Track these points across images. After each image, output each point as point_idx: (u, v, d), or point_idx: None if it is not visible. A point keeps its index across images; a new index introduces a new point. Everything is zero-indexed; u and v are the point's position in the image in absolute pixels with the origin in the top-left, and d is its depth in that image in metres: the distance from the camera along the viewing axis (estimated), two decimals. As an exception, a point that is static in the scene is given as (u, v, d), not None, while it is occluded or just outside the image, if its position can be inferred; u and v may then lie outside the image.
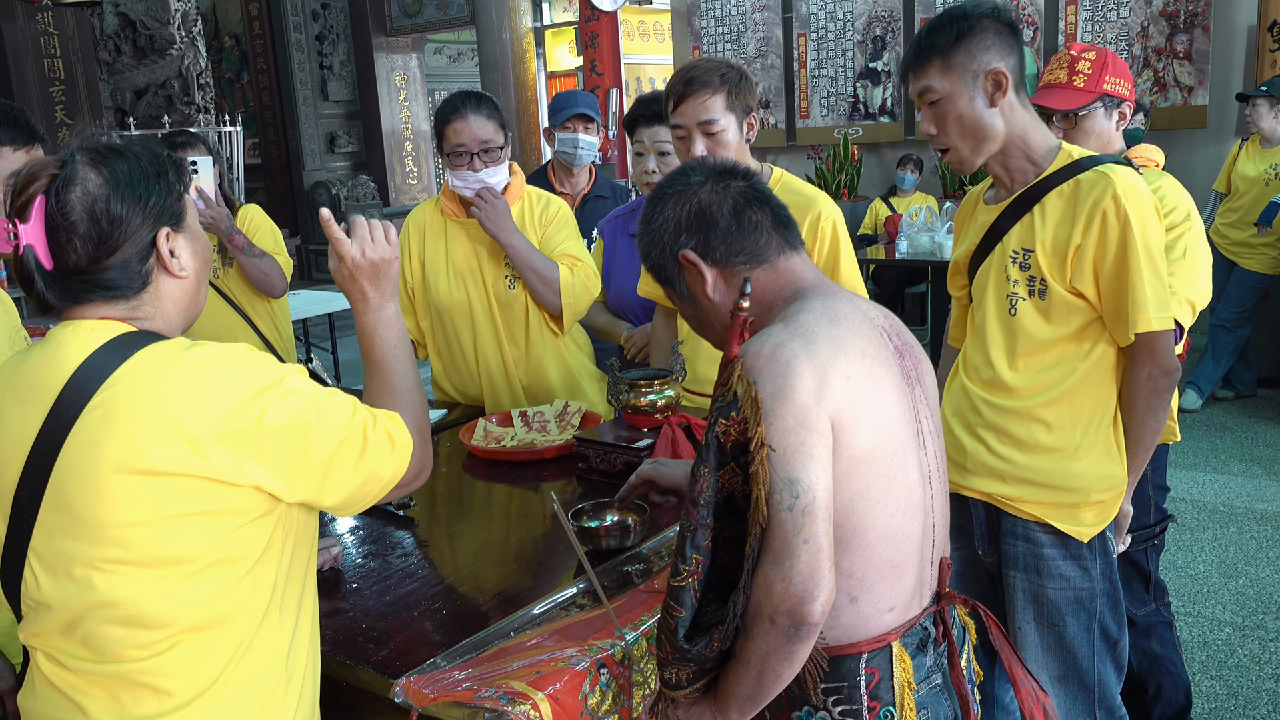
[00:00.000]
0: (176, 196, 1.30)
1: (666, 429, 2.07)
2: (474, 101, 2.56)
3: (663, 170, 2.60)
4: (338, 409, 1.25)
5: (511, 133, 2.70)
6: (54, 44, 7.58)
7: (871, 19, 7.31)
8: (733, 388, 1.21)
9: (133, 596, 1.19)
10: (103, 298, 1.25)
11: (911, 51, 1.81)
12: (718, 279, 1.37)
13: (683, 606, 1.22)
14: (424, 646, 1.49)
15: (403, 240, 2.72)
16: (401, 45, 11.65)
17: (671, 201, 1.39)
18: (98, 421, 1.18)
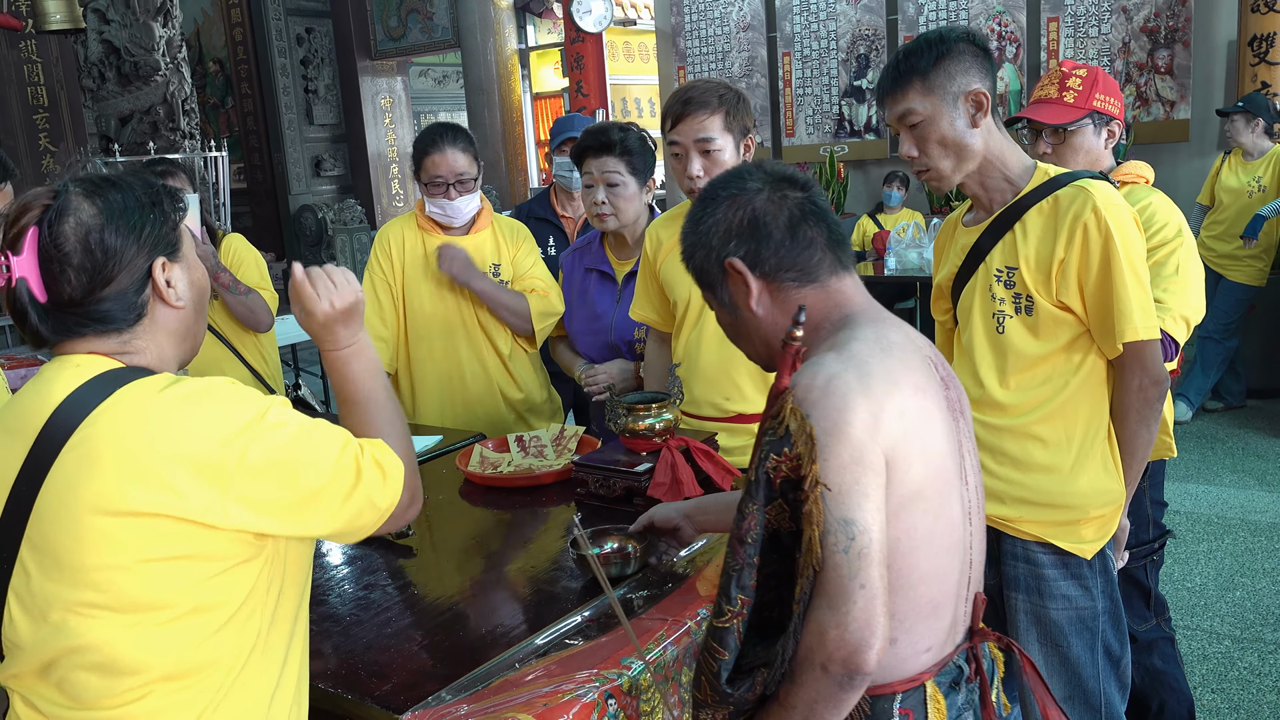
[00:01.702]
0: (172, 226, 1.29)
1: (665, 453, 2.05)
2: (450, 136, 2.73)
3: (612, 202, 2.60)
4: (326, 441, 1.22)
5: (483, 162, 2.85)
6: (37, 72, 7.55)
7: (855, 37, 7.36)
8: (785, 422, 1.15)
9: (106, 642, 1.16)
10: (96, 331, 1.23)
11: (888, 76, 1.81)
12: (763, 292, 1.32)
13: (726, 649, 1.16)
14: (427, 680, 1.47)
15: (380, 254, 2.86)
16: (386, 69, 11.67)
17: (725, 205, 1.33)
18: (76, 461, 1.17)
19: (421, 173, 2.75)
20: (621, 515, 2.02)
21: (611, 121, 2.77)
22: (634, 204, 2.63)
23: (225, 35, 11.50)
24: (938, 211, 6.95)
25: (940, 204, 6.96)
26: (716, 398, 2.32)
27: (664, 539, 1.76)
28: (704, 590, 1.67)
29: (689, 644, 1.54)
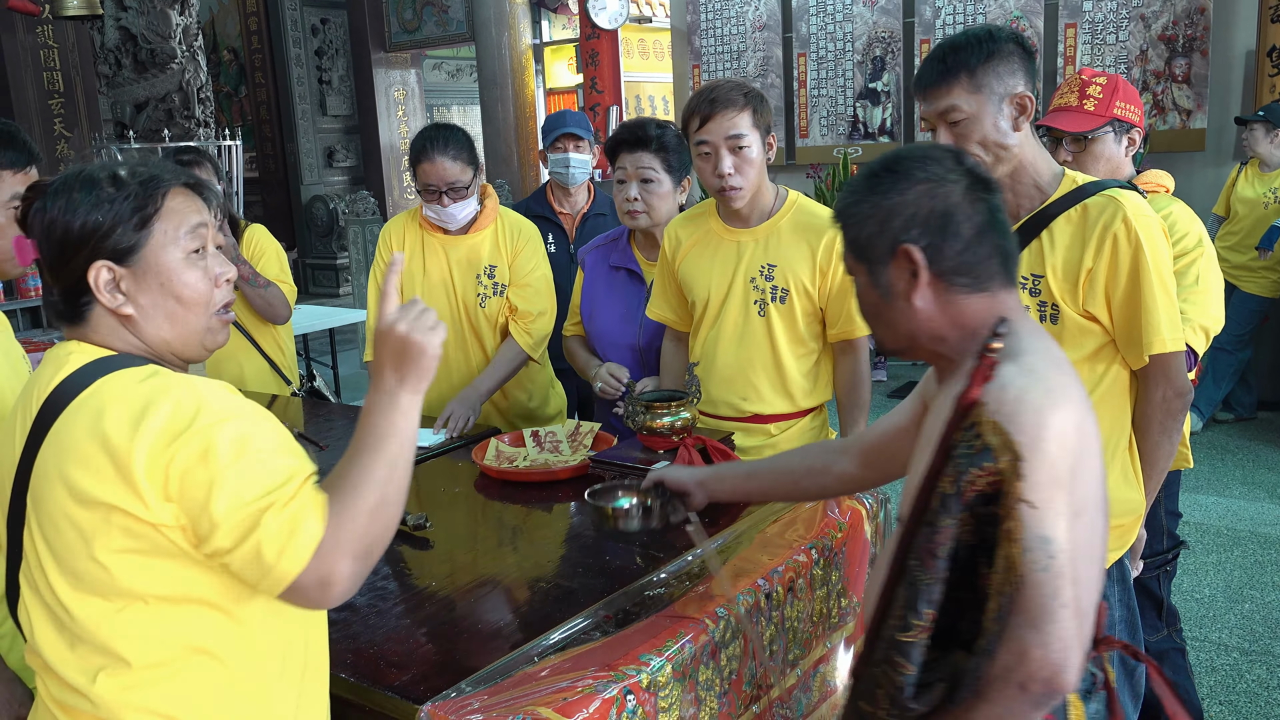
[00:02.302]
0: (134, 228, 1.24)
1: (683, 451, 2.06)
2: (442, 143, 2.72)
3: (645, 199, 2.57)
4: (260, 475, 1.12)
5: (498, 155, 2.87)
6: (54, 57, 7.58)
7: (871, 40, 7.35)
8: (984, 437, 1.12)
9: (97, 626, 1.19)
10: (63, 321, 1.28)
11: (933, 69, 1.78)
12: (930, 289, 1.26)
13: (912, 663, 1.14)
14: (445, 672, 1.47)
15: (384, 249, 2.90)
16: (400, 61, 11.67)
17: (920, 187, 1.25)
18: (53, 447, 1.19)
19: (415, 179, 2.78)
20: (637, 512, 2.03)
21: (649, 117, 2.74)
22: (667, 203, 2.60)
23: (240, 24, 11.51)
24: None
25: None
26: (733, 398, 2.32)
27: (674, 501, 1.75)
28: (719, 590, 1.67)
29: (706, 643, 1.54)
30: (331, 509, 1.13)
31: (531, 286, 2.84)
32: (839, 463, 1.66)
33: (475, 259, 2.83)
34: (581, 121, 3.49)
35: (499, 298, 2.83)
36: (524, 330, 2.81)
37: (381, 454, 1.16)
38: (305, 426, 2.84)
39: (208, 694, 1.21)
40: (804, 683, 1.81)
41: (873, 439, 1.62)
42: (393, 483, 1.17)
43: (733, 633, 1.60)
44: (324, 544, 1.11)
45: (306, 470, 1.17)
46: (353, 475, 1.15)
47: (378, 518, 1.15)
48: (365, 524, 1.14)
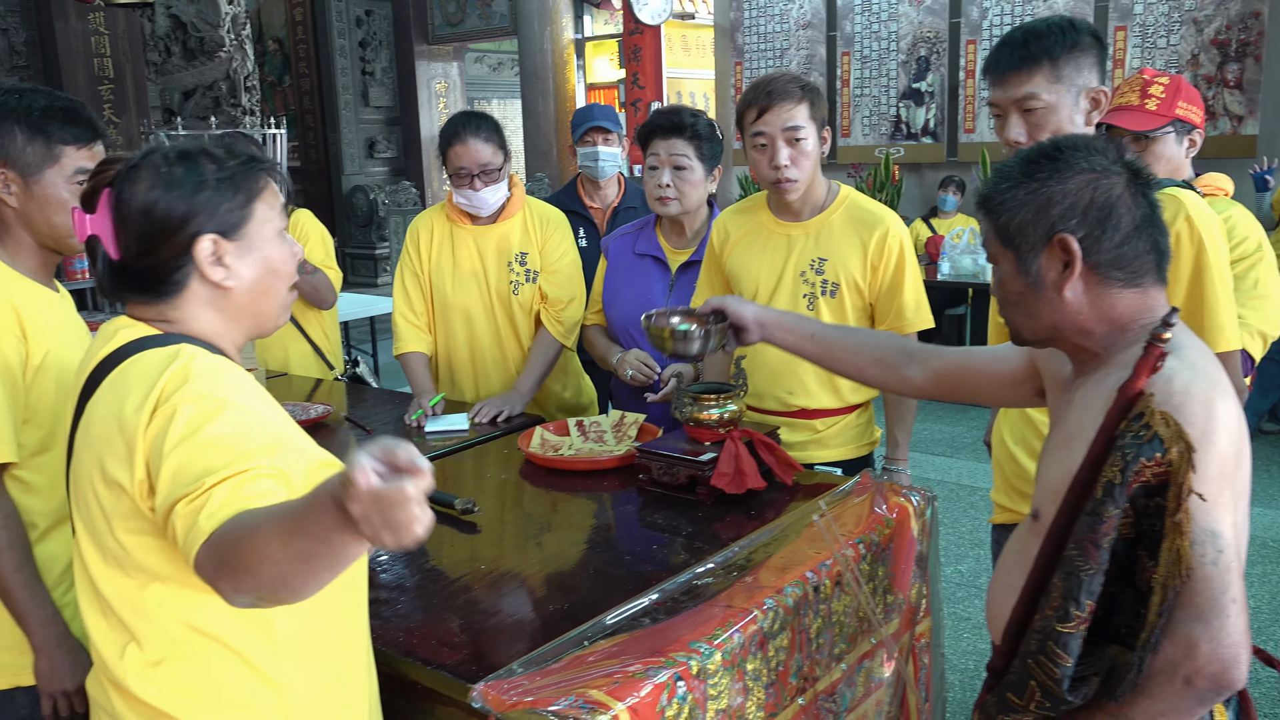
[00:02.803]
0: (240, 204, 1.27)
1: (730, 443, 2.06)
2: (474, 125, 2.73)
3: (677, 185, 2.56)
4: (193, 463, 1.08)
5: (536, 150, 2.89)
6: (104, 44, 7.69)
7: (917, 39, 7.30)
8: (1153, 427, 1.10)
9: (120, 603, 1.21)
10: (140, 296, 1.27)
11: (1012, 54, 1.76)
12: (1081, 282, 1.24)
13: (1070, 655, 1.13)
14: (494, 653, 1.49)
15: (410, 244, 2.90)
16: (443, 53, 11.74)
17: (1082, 176, 1.23)
18: (83, 425, 1.23)
19: (447, 163, 2.77)
20: (684, 504, 2.03)
21: (683, 105, 2.74)
22: (698, 190, 2.61)
23: (286, 14, 11.62)
24: (993, 218, 6.89)
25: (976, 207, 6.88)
26: (780, 392, 2.32)
27: (729, 332, 1.76)
28: (768, 580, 1.67)
29: (755, 633, 1.54)
30: (223, 544, 1.03)
31: (561, 273, 2.85)
32: (909, 368, 1.66)
33: (506, 247, 2.84)
34: (609, 115, 3.51)
35: (531, 284, 2.84)
36: (555, 319, 2.83)
37: (293, 543, 0.96)
38: (349, 411, 2.87)
39: (221, 683, 1.21)
40: (849, 677, 1.81)
41: (953, 361, 1.62)
42: (282, 572, 0.99)
43: (781, 624, 1.60)
44: (204, 558, 1.04)
45: (248, 463, 1.09)
46: (258, 534, 0.99)
47: (250, 579, 1.01)
48: (241, 576, 1.02)
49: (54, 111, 1.71)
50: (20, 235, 1.73)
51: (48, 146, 1.70)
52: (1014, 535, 1.41)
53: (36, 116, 1.69)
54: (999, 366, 1.56)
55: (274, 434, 1.17)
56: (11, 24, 7.61)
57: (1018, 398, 1.58)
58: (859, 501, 1.95)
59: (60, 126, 1.71)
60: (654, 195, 2.61)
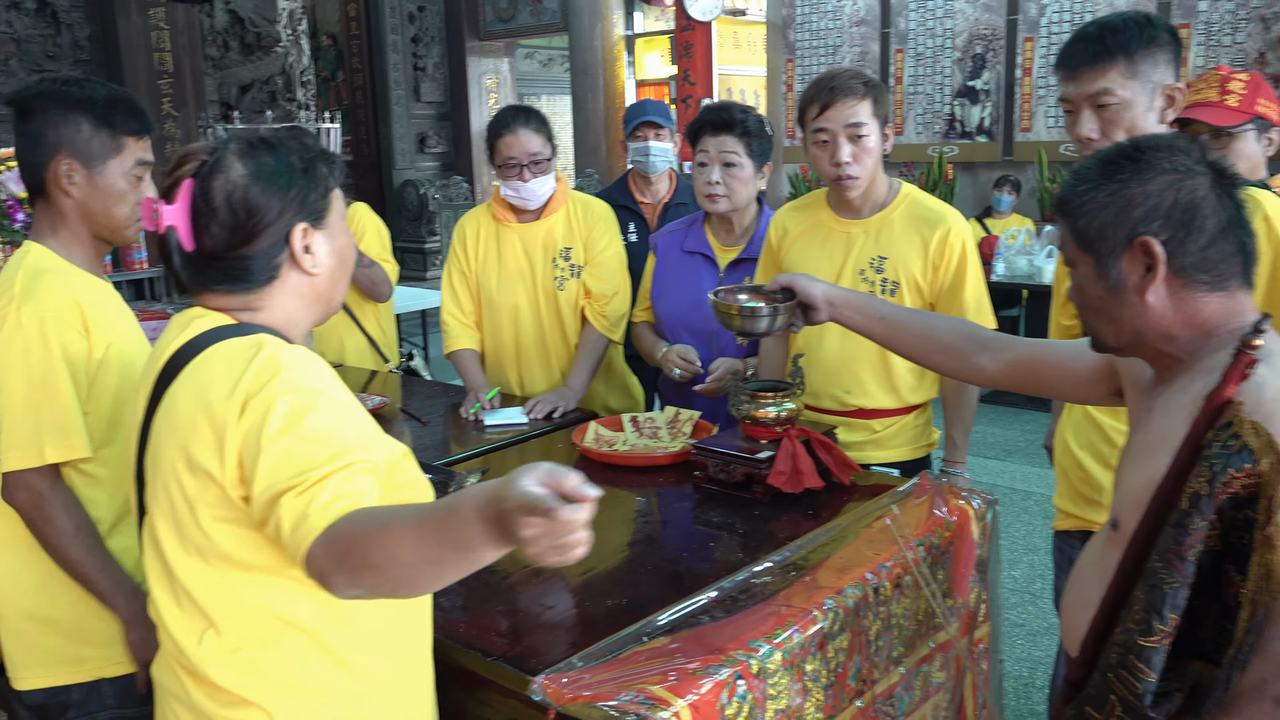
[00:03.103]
0: (321, 193, 1.30)
1: (786, 442, 2.04)
2: (523, 116, 2.75)
3: (727, 182, 2.54)
4: (296, 456, 1.09)
5: (585, 146, 2.88)
6: (164, 39, 7.81)
7: (972, 36, 7.20)
8: (1242, 437, 1.07)
9: (199, 590, 1.22)
10: (228, 287, 1.27)
11: (1086, 49, 1.73)
12: (1165, 286, 1.20)
13: (1153, 670, 1.10)
14: (554, 646, 1.49)
15: (457, 244, 2.92)
16: (494, 49, 11.80)
17: (1164, 178, 1.20)
18: (164, 412, 1.23)
19: (495, 155, 2.77)
20: (739, 501, 2.02)
21: (733, 101, 2.72)
22: (748, 187, 2.59)
23: (340, 10, 11.74)
24: (1049, 218, 6.78)
25: (1052, 211, 6.78)
26: (837, 391, 2.30)
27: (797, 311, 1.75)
28: (827, 580, 1.66)
29: (815, 634, 1.53)
30: (346, 540, 1.05)
31: (605, 266, 2.84)
32: (980, 356, 1.64)
33: (550, 243, 2.84)
34: (661, 110, 3.49)
35: (576, 279, 2.83)
36: (599, 313, 2.82)
37: (426, 549, 1.02)
38: (404, 403, 2.89)
39: (300, 669, 1.23)
40: (907, 681, 1.79)
41: (1027, 353, 1.59)
42: (410, 574, 1.04)
43: (841, 625, 1.59)
44: (321, 550, 1.06)
45: (351, 456, 1.12)
46: (388, 536, 1.03)
47: (387, 582, 1.05)
48: (368, 577, 1.05)
49: (116, 102, 1.71)
50: (77, 227, 1.72)
51: (113, 137, 1.70)
52: (1090, 545, 1.38)
53: (101, 107, 1.68)
54: (1076, 363, 1.52)
55: (362, 426, 1.19)
56: (75, 19, 7.77)
57: (1093, 396, 1.54)
58: (918, 503, 1.93)
59: (124, 118, 1.71)
60: (703, 192, 2.59)
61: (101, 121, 1.68)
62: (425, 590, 1.08)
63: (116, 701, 1.66)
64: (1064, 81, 1.80)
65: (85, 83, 1.70)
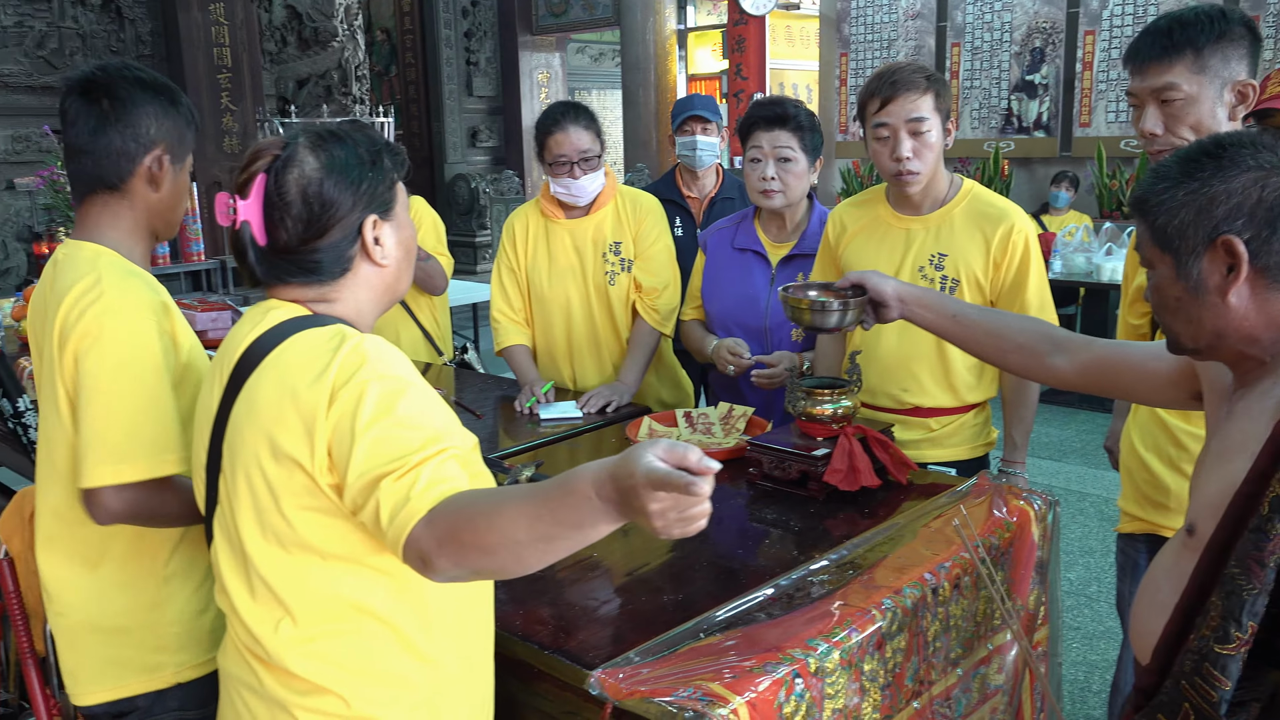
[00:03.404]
0: (389, 185, 1.31)
1: (843, 440, 2.03)
2: (573, 113, 2.75)
3: (781, 178, 2.52)
4: (392, 441, 1.11)
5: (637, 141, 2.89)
6: (223, 34, 7.94)
7: (1031, 30, 7.09)
8: None
9: (275, 578, 1.22)
10: (303, 279, 1.28)
11: (1154, 43, 1.70)
12: (1248, 287, 1.17)
13: (1229, 678, 1.08)
14: (611, 641, 1.50)
15: (506, 241, 2.93)
16: (546, 44, 11.84)
17: (1248, 175, 1.16)
18: (246, 402, 1.23)
19: (545, 152, 2.77)
20: (794, 499, 2.01)
21: (784, 95, 2.70)
22: (802, 182, 2.56)
23: (394, 5, 11.86)
24: (1108, 215, 6.66)
25: (1111, 208, 6.66)
26: (894, 389, 2.28)
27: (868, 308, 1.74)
28: (885, 580, 1.64)
29: (873, 633, 1.52)
30: (456, 520, 1.07)
31: (655, 259, 2.84)
32: (1055, 356, 1.60)
33: (600, 238, 2.84)
34: (709, 104, 3.48)
35: (627, 274, 2.84)
36: (650, 307, 2.82)
37: (540, 527, 1.05)
38: (458, 395, 2.91)
39: (376, 657, 1.24)
40: (964, 683, 1.77)
41: (1104, 354, 1.56)
42: (534, 553, 1.07)
43: (899, 625, 1.57)
44: (426, 532, 1.07)
45: (444, 442, 1.14)
46: (497, 519, 1.05)
47: (493, 559, 1.07)
48: (475, 557, 1.07)
49: (183, 95, 1.69)
50: (143, 222, 1.66)
51: (192, 132, 1.68)
52: (1164, 551, 1.35)
53: (185, 102, 1.66)
54: (1154, 365, 1.48)
55: (446, 414, 1.21)
56: (139, 14, 7.93)
57: (1172, 399, 1.51)
58: (978, 504, 1.91)
59: (193, 114, 1.69)
60: (757, 188, 2.56)
61: (189, 117, 1.67)
62: (529, 569, 1.09)
63: (179, 704, 1.63)
64: (1131, 75, 1.78)
65: (159, 77, 1.66)
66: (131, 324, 1.50)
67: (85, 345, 1.49)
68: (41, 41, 7.51)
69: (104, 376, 1.49)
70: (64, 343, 1.51)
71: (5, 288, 6.89)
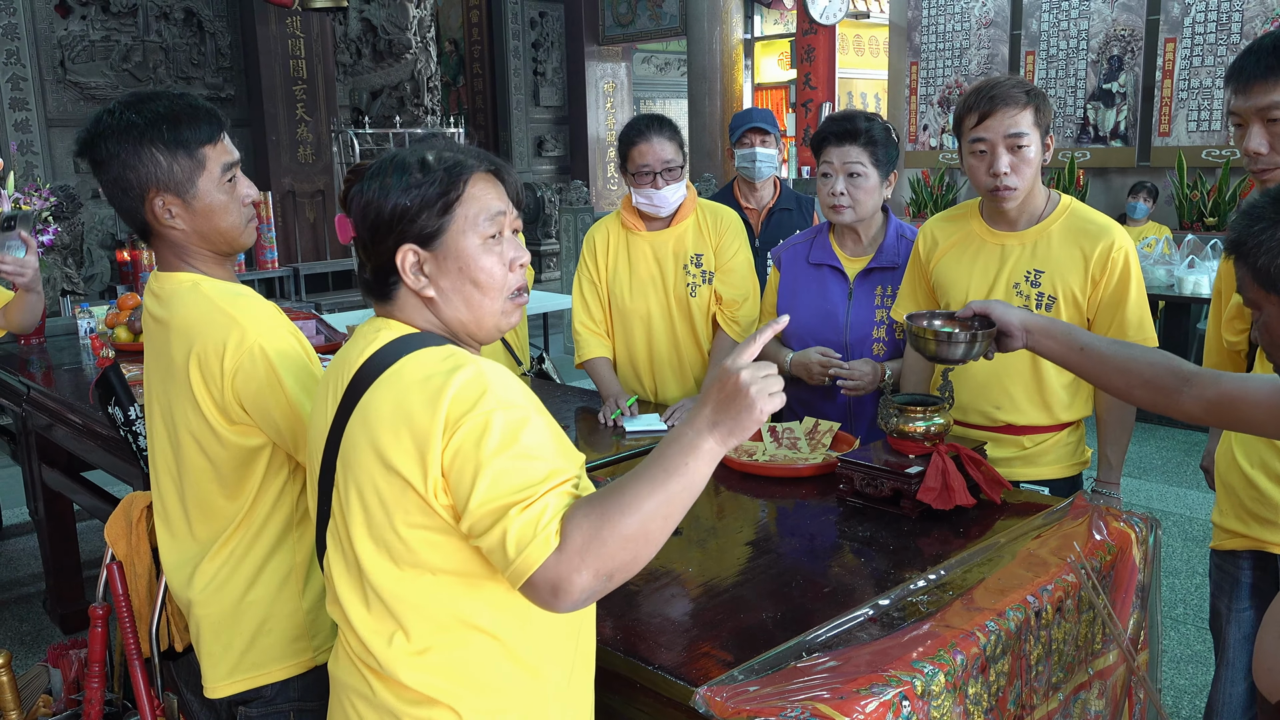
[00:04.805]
0: (437, 214, 1.27)
1: (936, 458, 2.01)
2: (657, 125, 2.78)
3: (851, 193, 2.50)
4: (520, 470, 1.13)
5: (702, 150, 2.92)
6: (299, 47, 8.14)
7: (1109, 38, 6.96)
8: None
9: (388, 593, 1.24)
10: (374, 298, 1.34)
11: (1259, 62, 1.70)
12: None
13: None
14: (709, 658, 1.49)
15: (587, 253, 2.95)
16: (612, 54, 11.92)
17: None
18: (361, 419, 1.24)
19: (628, 163, 2.80)
20: (886, 517, 2.00)
21: (857, 109, 2.69)
22: (873, 197, 2.54)
23: (462, 17, 12.03)
24: (1188, 226, 6.50)
25: (1192, 219, 6.51)
26: (986, 406, 2.25)
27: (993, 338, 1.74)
28: (986, 601, 1.62)
29: (977, 656, 1.50)
30: (588, 522, 1.10)
31: (735, 272, 2.85)
32: (1184, 391, 1.57)
33: (681, 250, 2.86)
34: (767, 117, 3.51)
35: (708, 285, 2.85)
36: (730, 319, 2.83)
37: (662, 488, 1.13)
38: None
39: (485, 670, 1.25)
40: (1064, 708, 1.74)
41: (1230, 390, 1.52)
42: (660, 519, 1.13)
43: (1003, 648, 1.55)
44: (564, 554, 1.09)
45: (567, 473, 1.16)
46: (624, 497, 1.12)
47: (630, 546, 1.11)
48: (616, 548, 1.10)
49: (180, 116, 1.59)
50: (200, 251, 1.66)
51: (190, 155, 1.60)
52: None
53: (168, 129, 1.57)
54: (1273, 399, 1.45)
55: (563, 440, 1.22)
56: (219, 28, 8.15)
57: None
58: (1076, 525, 1.87)
59: (193, 129, 1.60)
60: (827, 204, 2.55)
61: (174, 144, 1.58)
62: (656, 546, 1.15)
63: (299, 695, 1.67)
64: (1234, 95, 1.76)
65: (141, 104, 1.59)
66: (267, 344, 1.56)
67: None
68: (127, 55, 7.75)
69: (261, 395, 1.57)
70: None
71: (90, 294, 7.11)
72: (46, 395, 3.29)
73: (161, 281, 1.68)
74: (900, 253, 2.55)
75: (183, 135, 1.59)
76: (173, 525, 1.71)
